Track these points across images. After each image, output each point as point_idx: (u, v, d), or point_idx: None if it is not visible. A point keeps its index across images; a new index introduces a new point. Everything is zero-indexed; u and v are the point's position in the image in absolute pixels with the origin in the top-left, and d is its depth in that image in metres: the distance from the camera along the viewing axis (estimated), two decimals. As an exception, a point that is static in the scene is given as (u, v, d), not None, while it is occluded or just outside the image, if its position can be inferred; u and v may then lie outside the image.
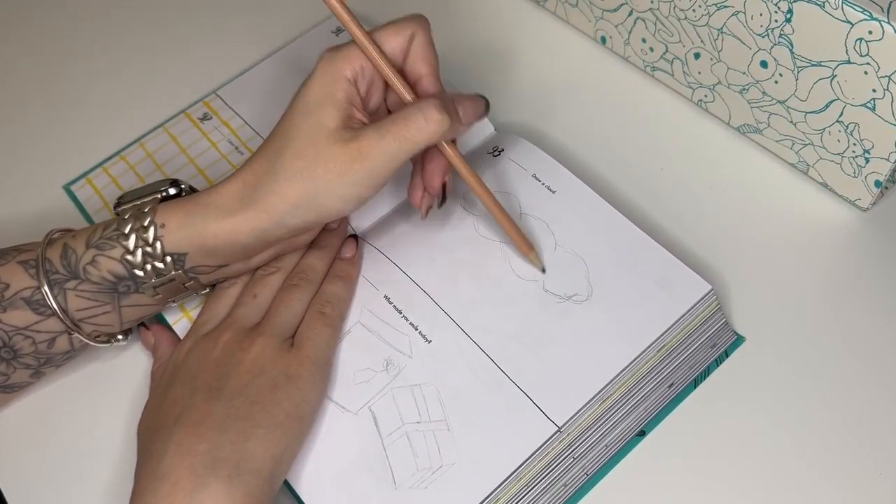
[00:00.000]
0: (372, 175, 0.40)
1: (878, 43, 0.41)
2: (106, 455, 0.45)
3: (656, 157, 0.53)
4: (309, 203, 0.40)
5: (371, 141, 0.40)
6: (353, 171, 0.40)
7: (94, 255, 0.41)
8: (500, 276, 0.45)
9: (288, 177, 0.40)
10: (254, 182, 0.41)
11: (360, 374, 0.43)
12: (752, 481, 0.41)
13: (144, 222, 0.41)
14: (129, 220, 0.42)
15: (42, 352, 0.43)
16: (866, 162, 0.46)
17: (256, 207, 0.40)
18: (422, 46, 0.43)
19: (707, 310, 0.44)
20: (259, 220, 0.41)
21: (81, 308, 0.42)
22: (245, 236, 0.41)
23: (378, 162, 0.40)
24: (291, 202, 0.40)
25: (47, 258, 0.42)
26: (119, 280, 0.42)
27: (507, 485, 0.40)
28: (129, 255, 0.41)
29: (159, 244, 0.41)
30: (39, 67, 0.63)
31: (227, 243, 0.41)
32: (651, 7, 0.51)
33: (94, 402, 0.47)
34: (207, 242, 0.41)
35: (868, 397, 0.43)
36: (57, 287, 0.41)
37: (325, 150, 0.40)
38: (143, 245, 0.41)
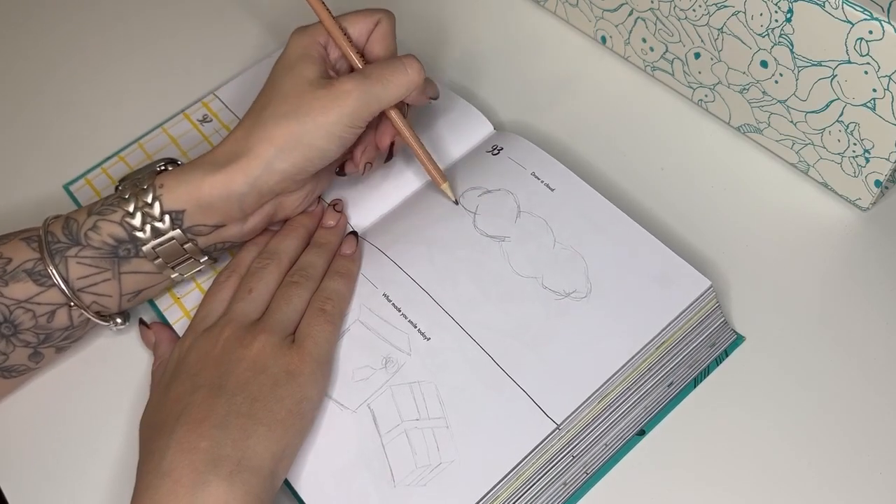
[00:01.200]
0: (353, 114, 0.43)
1: (879, 42, 0.41)
2: (107, 454, 0.45)
3: (656, 156, 0.53)
4: (295, 143, 0.43)
5: (354, 82, 0.43)
6: (336, 109, 0.43)
7: (96, 220, 0.43)
8: (499, 274, 0.45)
9: (274, 121, 0.43)
10: (244, 135, 0.43)
11: (360, 372, 0.43)
12: (751, 481, 0.41)
13: (144, 186, 0.43)
14: (129, 188, 0.43)
15: (42, 326, 0.43)
16: (866, 162, 0.46)
17: (247, 155, 0.43)
18: (383, 33, 0.47)
19: (706, 307, 0.44)
20: (250, 167, 0.42)
21: (82, 276, 0.42)
22: (239, 185, 0.42)
23: (360, 102, 0.43)
24: (278, 144, 0.42)
25: (50, 231, 0.43)
26: (119, 243, 0.42)
27: (505, 482, 0.40)
28: (129, 218, 0.42)
29: (158, 204, 0.42)
30: (39, 67, 0.63)
31: (223, 196, 0.43)
32: (651, 7, 0.51)
33: (95, 401, 0.47)
34: (204, 195, 0.43)
35: (868, 397, 0.43)
36: (58, 256, 0.42)
37: (308, 94, 0.43)
38: (143, 206, 0.42)
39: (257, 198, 0.44)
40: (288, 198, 0.46)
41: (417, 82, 0.45)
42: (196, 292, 0.48)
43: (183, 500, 0.37)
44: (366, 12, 0.47)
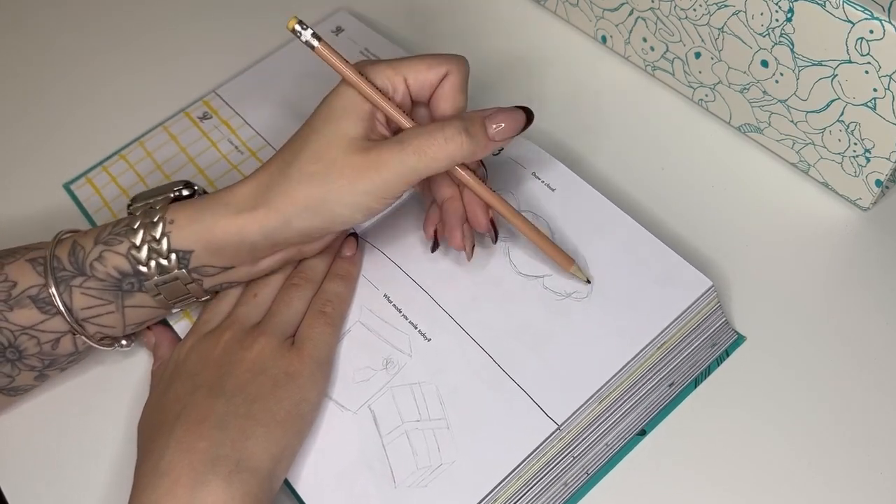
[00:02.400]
0: (386, 186, 0.40)
1: (879, 42, 0.41)
2: (106, 454, 0.45)
3: (657, 156, 0.53)
4: (318, 207, 0.40)
5: (390, 152, 0.40)
6: (366, 179, 0.40)
7: (102, 250, 0.42)
8: (500, 275, 0.45)
9: (300, 178, 0.40)
10: (267, 182, 0.41)
11: (360, 373, 0.43)
12: (752, 481, 0.41)
13: (154, 218, 0.41)
14: (140, 217, 0.42)
15: (47, 353, 0.43)
16: (867, 161, 0.46)
17: (266, 207, 0.40)
18: (453, 89, 0.43)
19: (707, 307, 0.44)
20: (267, 219, 0.40)
21: (86, 307, 0.42)
22: (253, 234, 0.41)
23: (394, 174, 0.40)
24: (300, 204, 0.40)
25: (56, 256, 0.42)
26: (123, 277, 0.42)
27: (506, 483, 0.40)
28: (135, 251, 0.41)
29: (166, 240, 0.41)
30: (39, 67, 0.63)
31: (235, 242, 0.41)
32: (652, 6, 0.51)
33: (95, 402, 0.47)
34: (215, 239, 0.41)
35: (868, 397, 0.43)
36: (63, 284, 0.41)
37: (342, 157, 0.40)
38: (151, 241, 0.41)
39: (271, 247, 0.42)
40: (307, 246, 0.44)
41: (458, 153, 0.40)
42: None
43: (181, 499, 0.36)
44: (432, 60, 0.42)
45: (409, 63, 0.42)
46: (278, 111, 0.56)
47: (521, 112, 0.42)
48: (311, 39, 0.41)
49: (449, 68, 0.42)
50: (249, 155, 0.54)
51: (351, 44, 0.58)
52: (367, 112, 0.41)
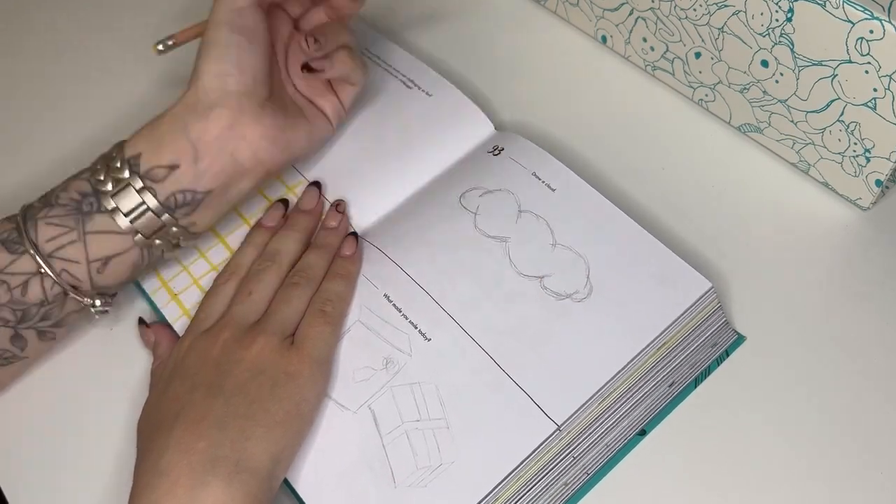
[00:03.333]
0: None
1: (879, 42, 0.41)
2: (106, 453, 0.45)
3: (657, 156, 0.53)
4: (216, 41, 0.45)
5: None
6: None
7: (67, 180, 0.45)
8: (500, 275, 0.45)
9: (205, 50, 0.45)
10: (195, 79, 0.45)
11: (360, 373, 0.43)
12: (752, 481, 0.41)
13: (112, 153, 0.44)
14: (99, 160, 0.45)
15: (17, 301, 0.43)
16: (867, 161, 0.46)
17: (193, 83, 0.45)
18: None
19: (707, 308, 0.44)
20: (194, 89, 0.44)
21: (50, 237, 0.43)
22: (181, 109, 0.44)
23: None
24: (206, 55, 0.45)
25: (32, 204, 0.44)
26: (84, 197, 0.43)
27: (506, 483, 0.40)
28: (96, 175, 0.44)
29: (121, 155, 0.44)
30: (39, 67, 0.63)
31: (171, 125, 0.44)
32: (652, 6, 0.51)
33: (95, 401, 0.47)
34: (155, 132, 0.44)
35: (868, 397, 0.43)
36: (31, 221, 0.43)
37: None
38: (108, 160, 0.44)
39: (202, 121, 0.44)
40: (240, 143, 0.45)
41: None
42: (194, 288, 0.48)
43: (181, 500, 0.36)
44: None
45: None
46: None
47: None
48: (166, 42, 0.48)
49: None
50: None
51: (351, 44, 0.58)
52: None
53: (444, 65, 0.58)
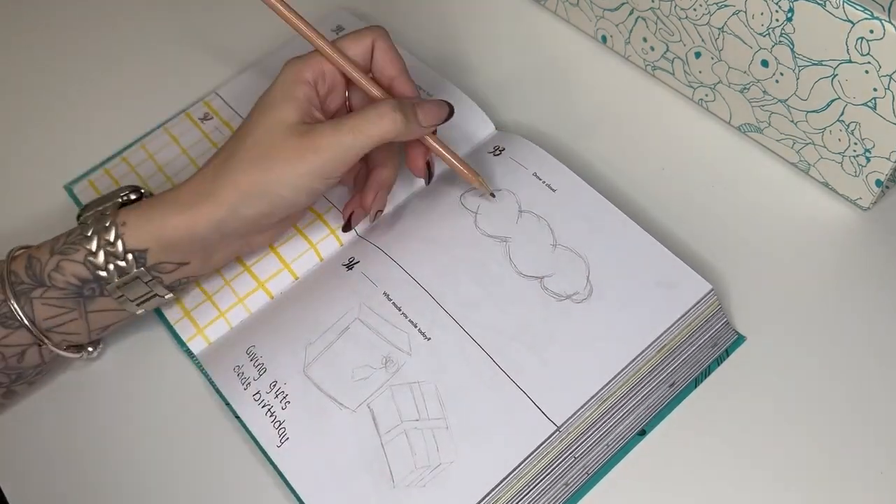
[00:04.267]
0: (324, 166, 0.41)
1: (880, 42, 0.41)
2: (107, 453, 0.45)
3: (657, 156, 0.53)
4: (261, 191, 0.41)
5: (326, 132, 0.42)
6: (305, 160, 0.41)
7: (59, 260, 0.42)
8: (500, 275, 0.45)
9: (243, 166, 0.42)
10: (212, 175, 0.42)
11: (359, 371, 0.43)
12: (752, 480, 0.41)
13: (106, 223, 0.42)
14: (92, 224, 0.42)
15: (13, 367, 0.43)
16: (867, 161, 0.46)
17: (212, 198, 0.42)
18: (385, 51, 0.45)
19: (707, 310, 0.44)
20: (215, 211, 0.42)
21: (49, 316, 0.42)
22: (202, 228, 0.42)
23: (331, 153, 0.41)
24: (244, 190, 0.41)
25: (12, 270, 0.42)
26: (84, 283, 0.42)
27: (506, 484, 0.40)
28: (92, 257, 0.42)
29: (120, 242, 0.42)
30: (39, 67, 0.63)
31: (186, 236, 0.42)
32: (652, 6, 0.51)
33: (95, 402, 0.47)
34: (167, 236, 0.42)
35: (869, 397, 0.43)
36: (23, 297, 0.42)
37: (280, 141, 0.42)
38: (106, 245, 0.42)
39: (221, 239, 0.43)
40: (256, 237, 0.46)
41: (392, 130, 0.42)
42: (196, 291, 0.48)
43: None
44: (357, 34, 0.45)
45: (339, 43, 0.45)
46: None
47: (445, 104, 0.46)
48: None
49: (373, 37, 0.45)
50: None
51: (351, 44, 0.58)
52: (304, 96, 0.43)
53: (445, 65, 0.58)
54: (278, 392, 0.43)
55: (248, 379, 0.44)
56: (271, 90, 0.43)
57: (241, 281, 0.48)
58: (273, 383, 0.44)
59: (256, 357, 0.45)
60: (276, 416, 0.43)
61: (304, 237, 0.49)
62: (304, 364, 0.44)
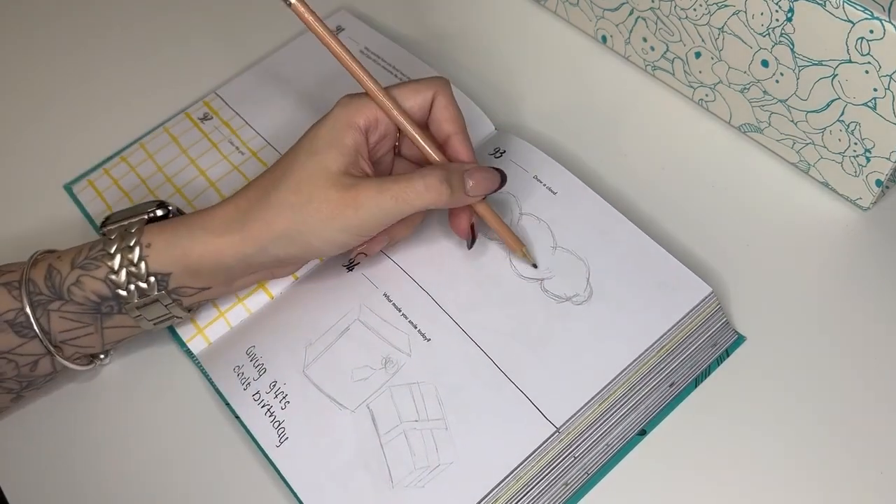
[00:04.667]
0: (361, 225, 0.41)
1: (880, 42, 0.41)
2: (107, 453, 0.45)
3: (657, 156, 0.53)
4: (294, 237, 0.41)
5: (369, 193, 0.40)
6: (343, 216, 0.40)
7: (79, 275, 0.42)
8: (500, 276, 0.45)
9: (279, 209, 0.41)
10: (246, 207, 0.41)
11: (359, 372, 0.43)
12: (752, 480, 0.41)
13: (130, 242, 0.41)
14: (115, 241, 0.42)
15: (25, 375, 0.43)
16: (867, 161, 0.46)
17: (243, 233, 0.41)
18: (445, 107, 0.43)
19: (707, 311, 0.44)
20: (244, 245, 0.41)
21: (64, 329, 0.42)
22: (229, 259, 0.41)
23: (370, 214, 0.40)
24: (277, 233, 0.41)
25: (31, 279, 0.42)
26: (102, 300, 0.42)
27: (505, 484, 0.40)
28: (114, 275, 0.41)
29: (144, 264, 0.41)
30: (39, 66, 0.63)
31: (212, 265, 0.42)
32: (652, 6, 0.51)
33: (95, 401, 0.47)
34: (192, 263, 0.41)
35: (868, 396, 0.43)
36: (40, 308, 0.41)
37: (322, 192, 0.40)
38: (128, 265, 0.41)
39: (246, 270, 0.43)
40: (281, 269, 0.45)
41: (436, 201, 0.41)
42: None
43: None
44: (419, 84, 0.43)
45: (397, 91, 0.43)
46: (279, 111, 0.56)
47: (496, 174, 0.43)
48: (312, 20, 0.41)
49: (434, 89, 0.43)
50: (250, 155, 0.54)
51: (351, 43, 0.58)
52: (350, 147, 0.41)
53: (445, 66, 0.58)
54: (278, 392, 0.43)
55: (248, 379, 0.44)
56: (320, 130, 0.42)
57: (240, 281, 0.48)
58: (273, 383, 0.44)
59: (256, 357, 0.45)
60: (276, 416, 0.43)
61: (304, 237, 0.49)
62: (303, 364, 0.44)
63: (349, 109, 0.42)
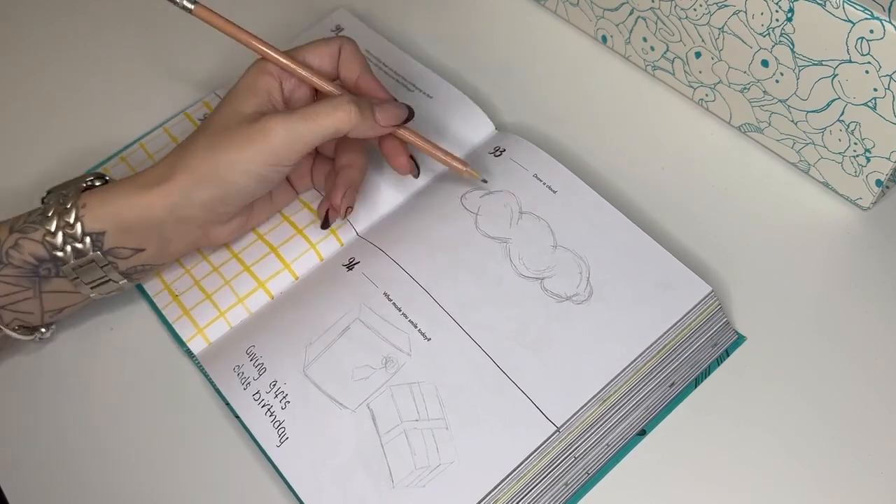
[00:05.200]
0: (274, 151, 0.42)
1: (880, 42, 0.41)
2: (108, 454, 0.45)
3: (657, 156, 0.53)
4: (211, 175, 0.42)
5: (276, 118, 0.42)
6: (254, 144, 0.42)
7: (17, 238, 0.42)
8: (501, 276, 0.45)
9: (197, 152, 0.43)
10: (172, 161, 0.43)
11: (359, 371, 0.43)
12: (752, 480, 0.41)
13: (67, 205, 0.42)
14: (53, 205, 0.43)
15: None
16: (867, 161, 0.46)
17: (167, 181, 0.42)
18: (351, 52, 0.46)
19: (707, 311, 0.44)
20: (170, 195, 0.42)
21: (3, 294, 0.42)
22: (158, 211, 0.42)
23: (280, 139, 0.42)
24: (196, 174, 0.42)
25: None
26: (40, 262, 0.42)
27: (506, 484, 0.40)
28: (50, 237, 0.42)
29: (80, 225, 0.42)
30: (39, 66, 0.63)
31: (142, 219, 0.43)
32: (652, 6, 0.51)
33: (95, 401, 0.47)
34: (124, 218, 0.42)
35: (868, 396, 0.43)
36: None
37: (233, 128, 0.43)
38: (65, 226, 0.42)
39: (176, 226, 0.44)
40: (214, 229, 0.46)
41: (346, 121, 0.42)
42: (196, 290, 0.48)
43: None
44: (324, 40, 0.46)
45: (303, 47, 0.46)
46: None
47: (403, 105, 0.46)
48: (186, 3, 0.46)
49: (340, 41, 0.46)
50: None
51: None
52: (262, 89, 0.44)
53: (445, 66, 0.58)
54: (278, 392, 0.43)
55: (248, 379, 0.44)
56: (238, 83, 0.45)
57: (241, 281, 0.48)
58: (273, 383, 0.44)
59: (256, 357, 0.45)
60: (276, 415, 0.43)
61: (304, 237, 0.49)
62: (303, 364, 0.44)
63: (263, 62, 0.45)
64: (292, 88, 0.46)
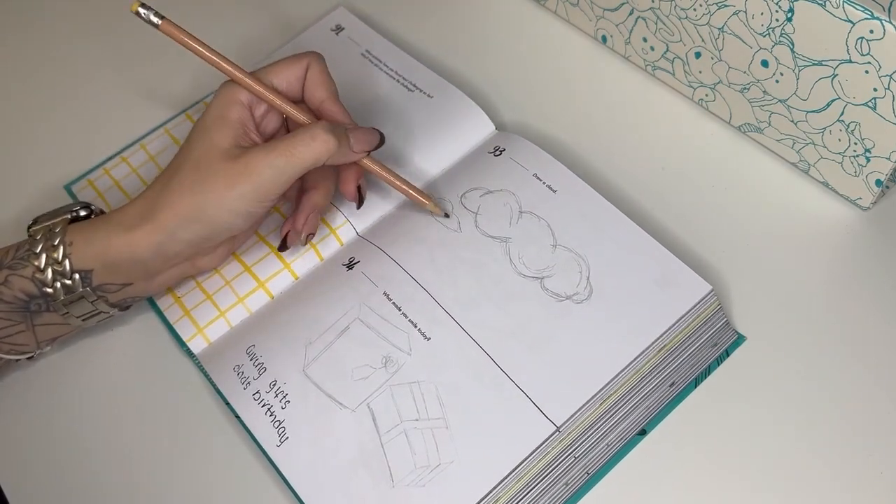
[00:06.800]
0: (258, 189, 0.42)
1: (880, 42, 0.41)
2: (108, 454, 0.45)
3: (657, 156, 0.53)
4: (198, 215, 0.42)
5: (258, 156, 0.42)
6: (239, 184, 0.42)
7: (7, 274, 0.42)
8: (500, 275, 0.45)
9: (180, 191, 0.42)
10: (153, 198, 0.43)
11: (359, 371, 0.43)
12: (752, 480, 0.41)
13: (55, 241, 0.42)
14: (41, 241, 0.43)
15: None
16: (867, 161, 0.46)
17: (152, 222, 0.42)
18: (318, 74, 0.46)
19: (708, 310, 0.44)
20: (155, 234, 0.42)
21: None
22: (143, 250, 0.42)
23: (264, 176, 0.42)
24: (182, 215, 0.42)
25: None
26: (31, 298, 0.43)
27: (506, 484, 0.40)
28: (40, 274, 0.42)
29: (68, 262, 0.42)
30: (40, 66, 0.63)
31: (128, 258, 0.42)
32: (652, 6, 0.51)
33: (95, 401, 0.47)
34: (110, 258, 0.42)
35: (868, 396, 0.43)
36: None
37: (216, 165, 0.42)
38: (53, 263, 0.42)
39: (163, 262, 0.44)
40: (201, 259, 0.46)
41: (324, 151, 0.42)
42: (197, 291, 0.48)
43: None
44: (291, 59, 0.45)
45: (270, 68, 0.45)
46: (279, 111, 0.56)
47: (375, 131, 0.46)
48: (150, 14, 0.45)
49: (307, 60, 0.46)
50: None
51: (352, 45, 0.58)
52: (235, 121, 0.43)
53: (445, 66, 0.58)
54: (278, 391, 0.43)
55: (248, 378, 0.44)
56: (207, 112, 0.44)
57: (241, 281, 0.48)
58: (273, 383, 0.44)
59: (256, 357, 0.45)
60: (276, 415, 0.43)
61: (304, 237, 0.49)
62: (303, 364, 0.44)
63: (232, 88, 0.44)
64: (262, 114, 0.45)
